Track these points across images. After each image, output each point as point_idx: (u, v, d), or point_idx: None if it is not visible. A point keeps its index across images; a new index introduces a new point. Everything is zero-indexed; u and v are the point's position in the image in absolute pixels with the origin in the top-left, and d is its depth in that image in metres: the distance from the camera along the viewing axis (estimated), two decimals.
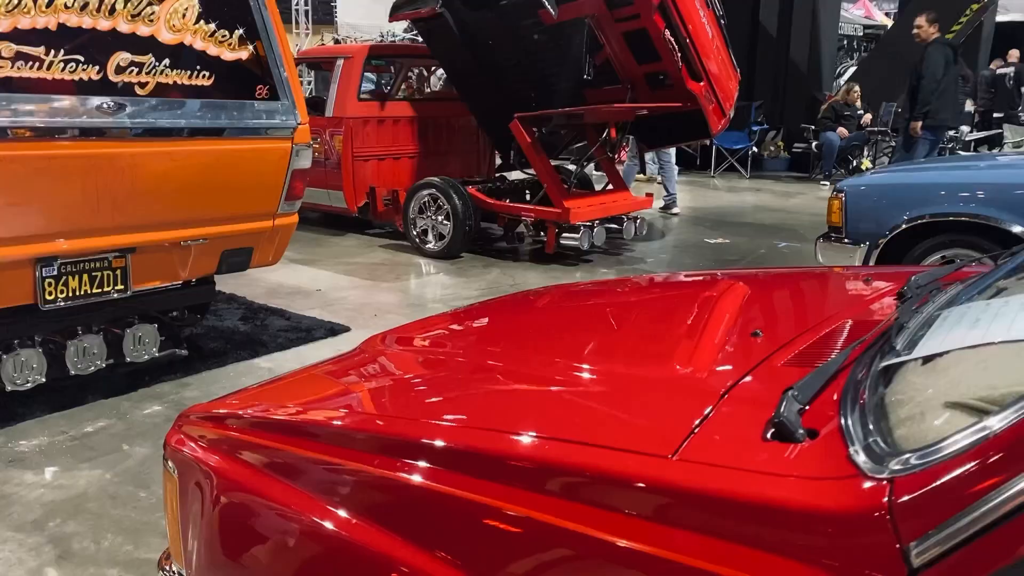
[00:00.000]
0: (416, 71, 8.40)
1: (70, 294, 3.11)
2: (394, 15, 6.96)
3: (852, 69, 16.26)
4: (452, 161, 7.54)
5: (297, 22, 19.04)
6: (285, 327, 4.53)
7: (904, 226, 4.44)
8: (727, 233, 7.62)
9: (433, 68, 8.41)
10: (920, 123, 7.53)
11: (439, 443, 1.20)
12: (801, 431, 1.05)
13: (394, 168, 7.14)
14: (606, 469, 1.06)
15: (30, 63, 2.76)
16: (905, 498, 0.85)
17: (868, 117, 10.74)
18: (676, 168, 8.66)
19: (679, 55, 5.92)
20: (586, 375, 1.43)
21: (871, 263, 4.52)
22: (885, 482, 0.88)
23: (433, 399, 1.48)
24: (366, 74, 7.33)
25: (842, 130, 10.62)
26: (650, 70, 6.29)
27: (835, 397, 1.12)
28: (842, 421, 1.03)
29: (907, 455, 0.89)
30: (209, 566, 1.43)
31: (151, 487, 2.74)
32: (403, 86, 8.13)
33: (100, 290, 3.19)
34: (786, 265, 6.18)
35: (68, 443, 3.09)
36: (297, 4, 18.21)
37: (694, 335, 1.59)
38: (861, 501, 0.88)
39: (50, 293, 3.05)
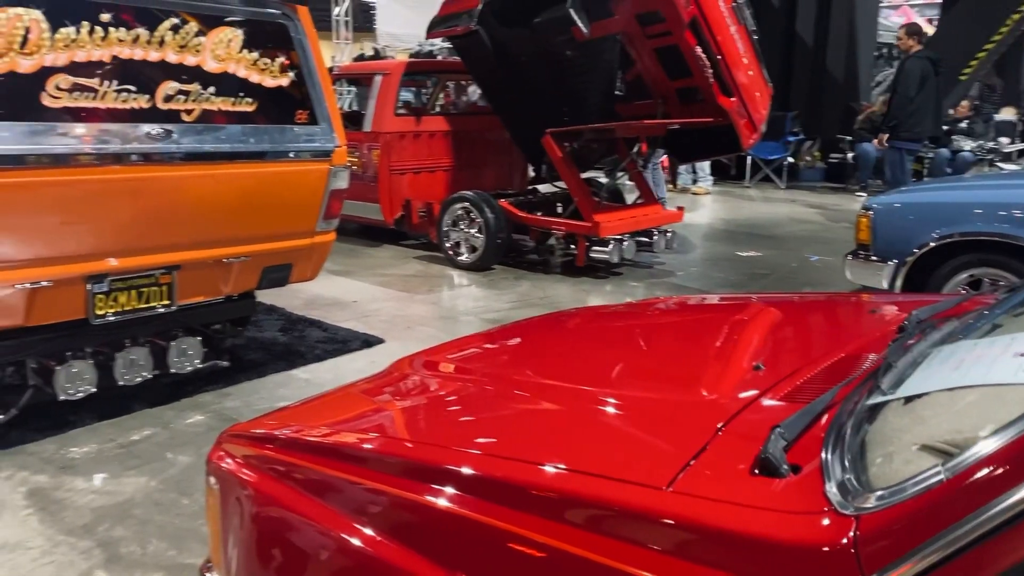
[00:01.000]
0: (451, 85, 8.55)
1: (119, 309, 3.28)
2: (431, 32, 7.12)
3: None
4: (486, 174, 7.67)
5: (337, 33, 19.34)
6: (322, 338, 4.69)
7: (933, 244, 4.47)
8: (759, 246, 7.65)
9: (468, 83, 8.55)
10: (887, 136, 7.90)
11: (459, 469, 1.31)
12: (785, 467, 1.14)
13: (429, 181, 7.29)
14: (608, 499, 1.16)
15: (86, 94, 2.94)
16: (868, 534, 0.94)
17: None
18: (663, 175, 8.63)
19: (710, 71, 5.99)
20: (597, 405, 1.53)
21: (899, 281, 4.55)
22: (852, 518, 0.97)
23: (455, 425, 1.59)
24: (403, 87, 7.50)
25: (878, 140, 10.53)
26: (681, 85, 6.37)
27: (822, 434, 1.21)
28: (823, 458, 1.12)
29: (873, 494, 0.98)
30: (246, 575, 1.56)
31: (193, 495, 2.89)
32: (439, 100, 8.29)
33: (147, 305, 3.36)
34: (816, 279, 6.21)
35: (116, 451, 3.26)
36: (337, 15, 18.51)
37: (701, 366, 1.68)
38: (830, 536, 0.97)
39: (100, 308, 3.23)
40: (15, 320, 3.04)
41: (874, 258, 4.64)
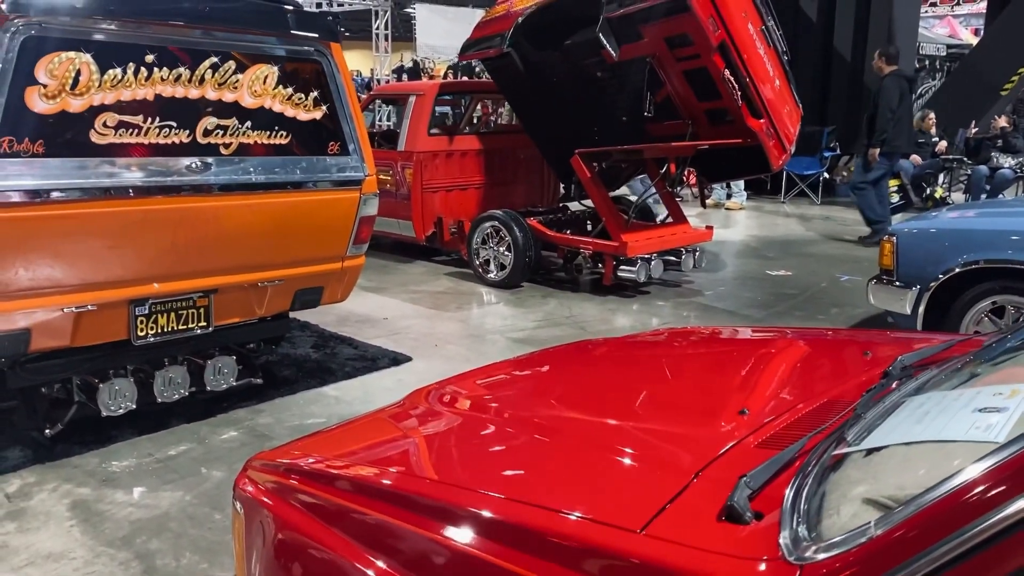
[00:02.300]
0: (484, 104, 8.71)
1: (159, 331, 3.47)
2: (463, 55, 7.29)
3: (934, 90, 15.95)
4: (516, 191, 7.82)
5: (376, 45, 19.71)
6: (352, 356, 4.85)
7: (958, 270, 4.48)
8: (790, 264, 7.67)
9: (500, 102, 8.70)
10: (877, 150, 8.30)
11: (466, 510, 1.42)
12: (749, 515, 1.24)
13: (460, 199, 7.44)
14: (587, 540, 1.28)
15: (131, 130, 3.13)
16: None
17: (943, 144, 10.57)
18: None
19: (739, 93, 6.05)
20: (588, 444, 1.63)
21: (921, 307, 4.58)
22: (797, 567, 1.07)
23: (463, 464, 1.71)
24: (437, 107, 7.67)
25: (915, 157, 10.47)
26: (710, 107, 6.43)
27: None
28: (782, 507, 1.22)
29: (817, 545, 1.08)
30: None
31: (225, 510, 3.05)
32: (471, 120, 8.45)
33: (185, 327, 3.54)
34: (844, 300, 6.22)
35: (154, 465, 3.44)
36: (377, 28, 18.87)
37: (690, 408, 1.78)
38: None
39: (141, 330, 3.41)
40: (62, 341, 3.24)
41: (897, 284, 4.67)
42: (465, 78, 13.65)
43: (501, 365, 2.29)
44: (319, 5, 18.92)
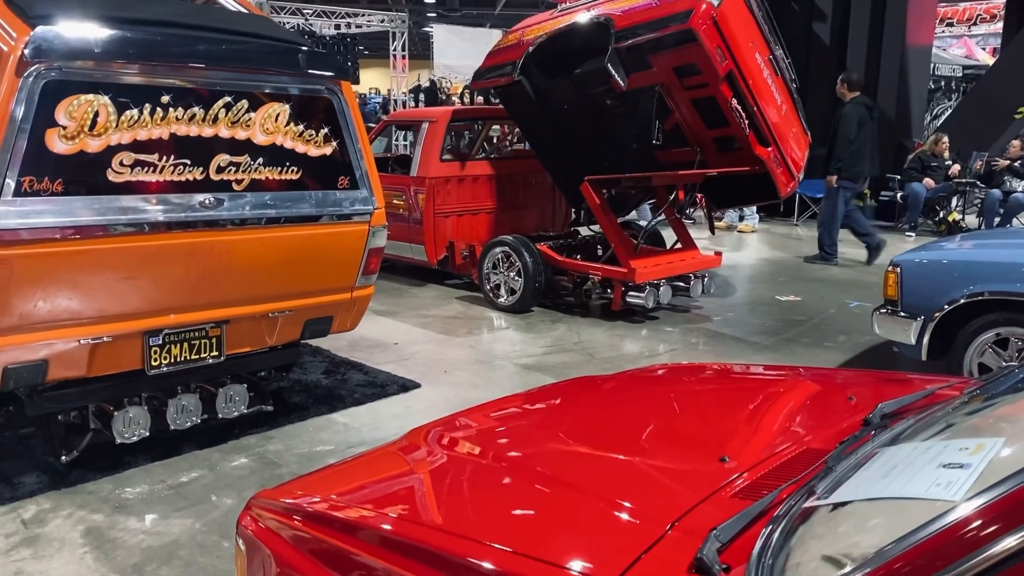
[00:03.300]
0: (496, 129, 8.82)
1: (172, 360, 3.57)
2: (476, 82, 7.41)
3: (949, 111, 15.93)
4: (528, 215, 7.91)
5: (394, 66, 19.94)
6: (362, 382, 4.93)
7: (963, 301, 4.51)
8: (800, 289, 7.70)
9: (511, 128, 8.81)
10: (834, 177, 8.54)
11: (451, 556, 1.49)
12: (718, 567, 1.30)
13: (472, 223, 7.54)
14: None
15: (146, 168, 3.25)
16: None
17: (956, 168, 10.57)
18: None
19: (746, 122, 6.12)
20: (573, 491, 1.70)
21: (926, 338, 4.61)
22: None
23: (449, 510, 1.77)
24: (449, 133, 7.78)
25: (928, 181, 10.49)
26: (719, 134, 6.51)
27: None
28: (748, 562, 1.28)
29: None
30: None
31: (232, 538, 3.12)
32: (483, 145, 8.56)
33: (198, 356, 3.64)
34: (852, 327, 6.24)
35: (165, 492, 3.53)
36: (394, 49, 19.11)
37: (673, 455, 1.85)
38: None
39: (155, 360, 3.52)
40: (79, 371, 3.35)
41: (902, 314, 4.71)
42: (480, 99, 13.82)
43: (496, 404, 2.35)
44: (337, 27, 19.18)
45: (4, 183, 2.91)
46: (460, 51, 24.09)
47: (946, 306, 4.55)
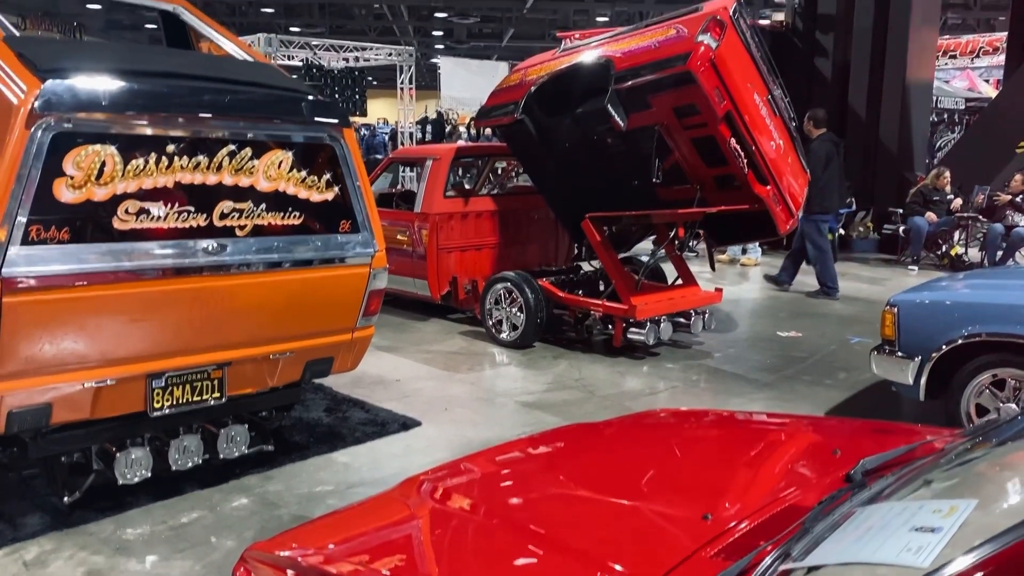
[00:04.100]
0: (499, 165, 8.92)
1: (174, 402, 3.62)
2: (479, 121, 7.53)
3: (952, 143, 16.02)
4: (531, 250, 7.98)
5: (401, 97, 20.16)
6: (363, 420, 4.97)
7: (960, 342, 4.54)
8: (801, 324, 7.72)
9: (514, 165, 8.91)
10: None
11: None
12: None
13: (475, 258, 7.61)
14: None
15: (151, 216, 3.32)
16: None
17: (958, 202, 10.62)
18: None
19: (745, 161, 6.19)
20: (557, 551, 1.74)
21: (923, 378, 4.63)
22: None
23: (447, 565, 1.81)
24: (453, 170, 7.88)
25: (930, 215, 10.53)
26: (718, 172, 6.58)
27: None
28: None
29: None
30: None
31: None
32: (486, 182, 8.67)
33: (200, 398, 3.69)
34: (852, 364, 6.25)
35: (166, 533, 3.56)
36: (402, 83, 19.35)
37: (656, 511, 1.88)
38: None
39: (158, 402, 3.57)
40: (82, 414, 3.40)
41: (899, 354, 4.73)
42: (489, 130, 13.94)
43: (486, 454, 2.40)
44: (346, 60, 19.43)
45: (12, 232, 2.99)
46: (467, 83, 24.40)
47: (944, 346, 4.57)
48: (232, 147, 3.53)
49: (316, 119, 3.80)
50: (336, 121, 3.90)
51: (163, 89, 3.37)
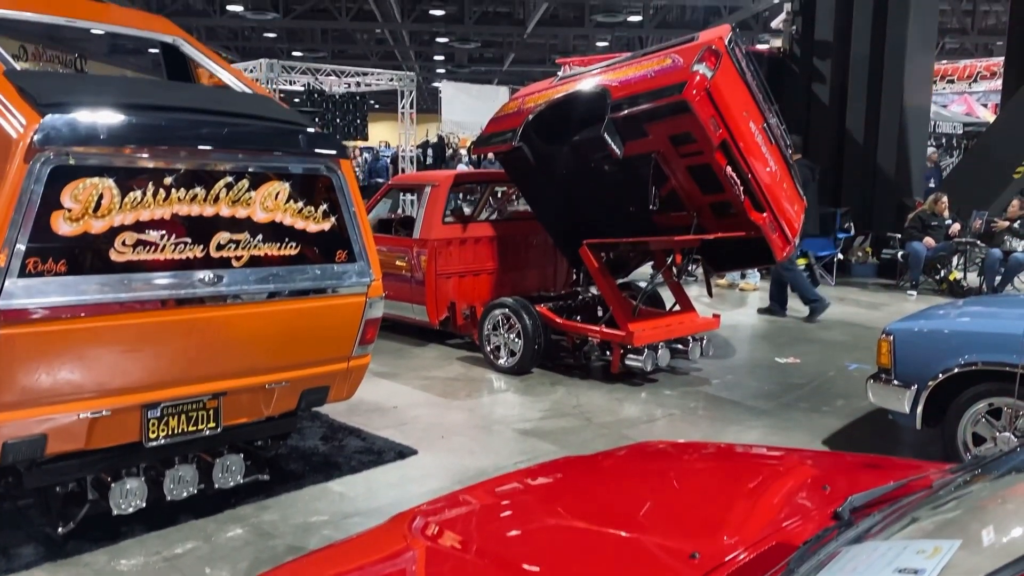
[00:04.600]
0: (497, 191, 8.98)
1: (170, 432, 3.63)
2: (478, 148, 7.59)
3: (950, 167, 16.08)
4: (529, 275, 8.00)
5: (402, 121, 20.28)
6: (359, 448, 4.97)
7: (956, 370, 4.54)
8: (800, 350, 7.72)
9: (512, 190, 8.96)
10: None
11: None
12: None
13: (474, 284, 7.63)
14: None
15: (148, 247, 3.35)
16: None
17: (956, 227, 10.65)
18: None
19: (741, 188, 6.22)
20: None
21: (919, 407, 4.63)
22: None
23: None
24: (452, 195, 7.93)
25: (928, 240, 10.56)
26: (715, 200, 6.61)
27: None
28: None
29: None
30: None
31: None
32: (485, 207, 8.71)
33: (195, 428, 3.70)
34: (850, 391, 6.25)
35: (160, 564, 3.56)
36: (403, 108, 19.47)
37: (648, 549, 1.89)
38: None
39: (153, 432, 3.58)
40: (77, 444, 3.41)
41: (896, 382, 4.74)
42: (492, 155, 14.02)
43: (476, 489, 2.40)
44: (348, 86, 19.58)
45: (9, 265, 3.01)
46: (467, 107, 24.58)
47: (940, 375, 4.58)
48: (229, 179, 3.56)
49: (313, 151, 3.84)
50: (334, 152, 3.93)
51: (161, 122, 3.41)
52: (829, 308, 9.08)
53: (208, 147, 3.51)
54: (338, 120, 18.27)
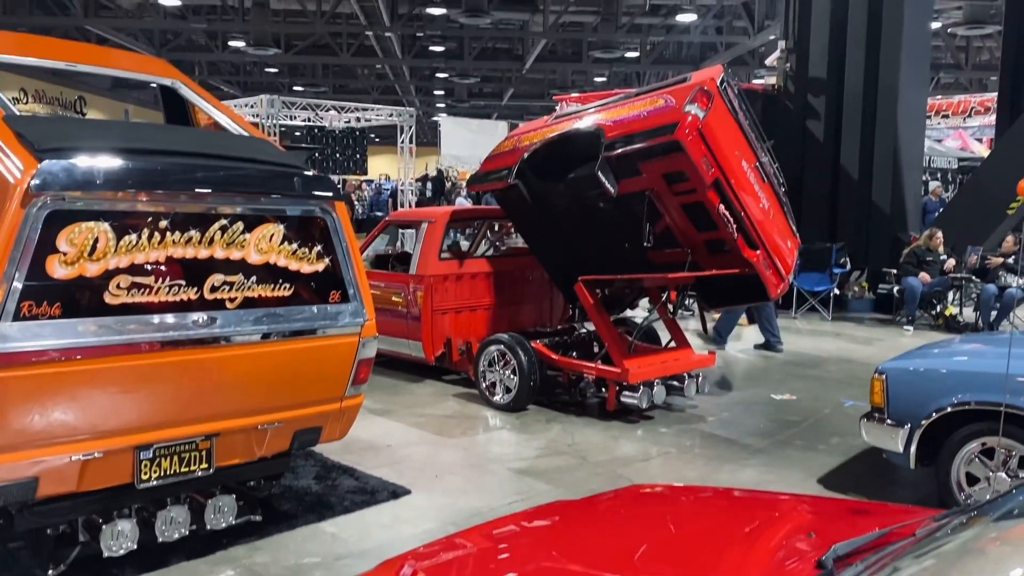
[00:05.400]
0: (494, 228, 9.03)
1: (162, 474, 3.63)
2: (473, 185, 7.67)
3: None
4: (525, 311, 8.02)
5: (402, 155, 20.47)
6: (353, 488, 4.95)
7: (949, 410, 4.55)
8: (796, 387, 7.73)
9: (508, 227, 9.01)
10: None
11: None
12: None
13: (470, 319, 7.65)
14: None
15: (142, 290, 3.38)
16: None
17: (951, 263, 10.70)
18: None
19: (734, 226, 6.27)
20: None
21: (913, 446, 4.63)
22: None
23: None
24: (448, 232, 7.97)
25: (924, 276, 10.60)
26: (708, 237, 6.66)
27: None
28: None
29: None
30: None
31: None
32: (481, 244, 8.77)
33: (188, 469, 3.70)
34: (845, 429, 6.24)
35: None
36: (402, 142, 19.67)
37: None
38: None
39: (145, 474, 3.58)
40: (69, 487, 3.41)
41: (889, 422, 4.75)
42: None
43: (466, 535, 2.41)
44: (348, 122, 19.77)
45: (4, 308, 3.04)
46: (466, 141, 24.85)
47: (933, 414, 4.58)
48: (224, 221, 3.60)
49: (308, 193, 3.88)
50: (329, 195, 3.98)
51: (157, 167, 3.46)
52: (829, 341, 9.10)
53: (203, 191, 3.55)
54: (338, 155, 18.44)
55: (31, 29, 18.63)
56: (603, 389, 6.62)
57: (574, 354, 7.08)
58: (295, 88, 29.93)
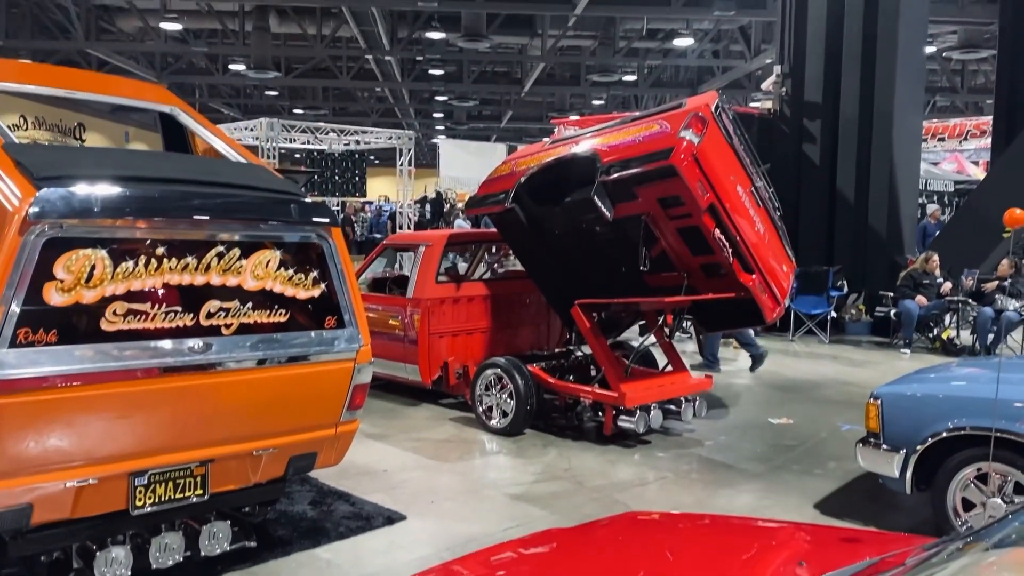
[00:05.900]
0: (491, 251, 9.07)
1: (156, 500, 3.62)
2: (471, 209, 7.70)
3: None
4: (522, 334, 8.03)
5: (400, 177, 20.57)
6: (348, 513, 4.94)
7: (944, 435, 4.55)
8: (793, 410, 7.71)
9: (506, 250, 9.05)
10: None
11: None
12: None
13: (467, 343, 7.65)
14: None
15: (139, 316, 3.40)
16: None
17: (948, 286, 10.72)
18: None
19: (730, 250, 6.30)
20: None
21: (908, 472, 4.63)
22: None
23: None
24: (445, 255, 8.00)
25: (921, 299, 10.62)
26: (705, 261, 6.69)
27: None
28: None
29: None
30: None
31: None
32: (478, 267, 8.80)
33: (182, 495, 3.70)
34: (841, 453, 6.23)
35: None
36: (401, 165, 19.77)
37: None
38: None
39: (140, 500, 3.57)
40: (63, 513, 3.40)
41: (884, 447, 4.75)
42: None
43: (458, 564, 2.41)
44: (347, 144, 19.88)
45: (1, 335, 3.05)
46: (465, 163, 24.99)
47: (928, 439, 4.59)
48: (221, 248, 3.63)
49: (304, 220, 3.91)
50: (325, 221, 4.01)
51: (154, 194, 3.49)
52: (826, 364, 9.09)
53: (200, 218, 3.58)
54: (337, 177, 18.53)
55: (33, 52, 18.81)
56: (600, 413, 6.61)
57: (571, 378, 7.08)
58: (295, 111, 30.12)
